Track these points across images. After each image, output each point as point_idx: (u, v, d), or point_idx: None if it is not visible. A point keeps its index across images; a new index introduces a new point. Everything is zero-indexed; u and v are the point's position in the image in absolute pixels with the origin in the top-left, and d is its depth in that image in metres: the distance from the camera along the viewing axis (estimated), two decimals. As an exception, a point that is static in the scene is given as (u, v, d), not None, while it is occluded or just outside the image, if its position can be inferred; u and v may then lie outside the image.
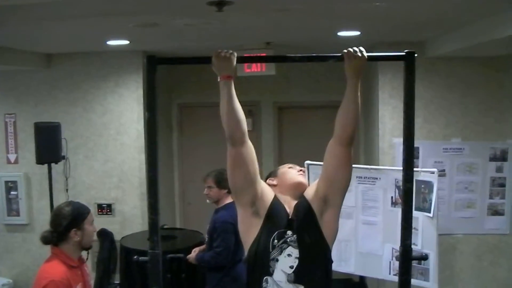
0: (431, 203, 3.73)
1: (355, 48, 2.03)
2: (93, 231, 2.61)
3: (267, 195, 2.16)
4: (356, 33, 4.07)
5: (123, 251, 4.35)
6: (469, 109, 4.63)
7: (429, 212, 3.74)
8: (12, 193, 5.19)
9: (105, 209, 5.10)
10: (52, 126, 4.62)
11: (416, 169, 3.58)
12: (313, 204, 2.14)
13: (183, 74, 5.95)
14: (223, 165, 2.24)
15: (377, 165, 4.50)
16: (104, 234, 4.74)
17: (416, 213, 3.60)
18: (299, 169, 2.35)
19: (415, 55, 2.08)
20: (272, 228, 2.09)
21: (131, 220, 5.08)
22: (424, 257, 2.54)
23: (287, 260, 2.06)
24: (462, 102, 4.63)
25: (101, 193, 5.12)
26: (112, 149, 5.09)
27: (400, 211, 2.18)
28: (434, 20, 3.59)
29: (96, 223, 2.73)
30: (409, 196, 2.13)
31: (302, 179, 2.29)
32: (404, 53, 2.09)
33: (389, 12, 3.27)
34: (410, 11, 3.26)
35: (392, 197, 3.93)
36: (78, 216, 2.51)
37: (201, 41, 4.26)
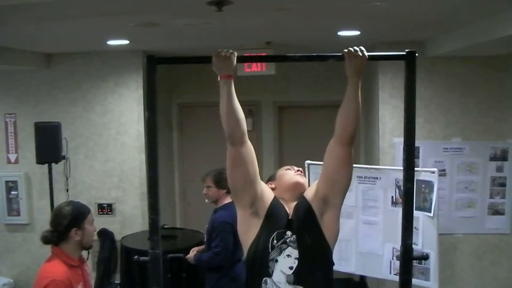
0: (432, 203, 3.73)
1: (356, 48, 2.02)
2: (94, 231, 2.62)
3: (267, 196, 2.15)
4: (356, 33, 4.07)
5: (124, 251, 4.36)
6: (469, 109, 4.63)
7: (430, 212, 3.74)
8: (13, 193, 5.19)
9: (106, 209, 5.10)
10: (52, 126, 4.61)
11: (417, 169, 3.58)
12: (313, 205, 2.13)
13: (183, 74, 5.95)
14: (223, 165, 2.22)
15: (378, 165, 4.51)
16: (105, 234, 4.74)
17: (417, 213, 3.59)
18: (297, 170, 2.33)
19: (416, 55, 2.08)
20: (272, 229, 2.07)
21: (132, 220, 5.08)
22: (425, 257, 2.54)
23: (287, 261, 2.05)
24: (462, 102, 4.64)
25: (102, 193, 5.12)
26: (112, 149, 5.09)
27: (401, 211, 2.18)
28: (434, 20, 3.59)
29: (97, 223, 2.73)
30: (410, 196, 2.13)
31: (300, 179, 2.26)
32: (405, 53, 2.08)
33: (389, 12, 3.27)
34: (410, 11, 3.26)
35: (393, 197, 3.93)
36: (79, 216, 2.51)
37: (201, 41, 4.26)
